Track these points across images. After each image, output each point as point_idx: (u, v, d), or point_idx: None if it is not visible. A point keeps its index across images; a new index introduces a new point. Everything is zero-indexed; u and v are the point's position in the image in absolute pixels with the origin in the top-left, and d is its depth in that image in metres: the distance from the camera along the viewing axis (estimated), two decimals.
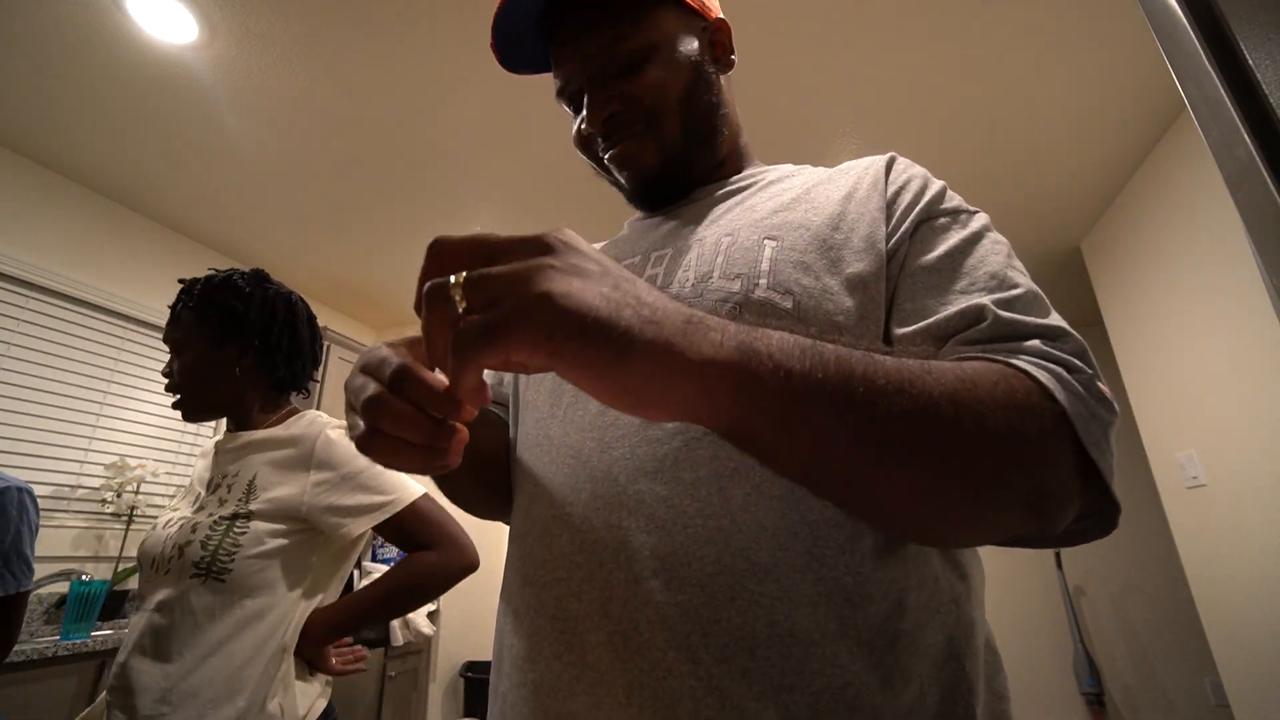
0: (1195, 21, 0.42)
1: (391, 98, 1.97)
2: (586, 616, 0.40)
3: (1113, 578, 3.44)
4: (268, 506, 0.92)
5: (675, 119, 0.56)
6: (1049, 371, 0.36)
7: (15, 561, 1.19)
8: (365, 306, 3.57)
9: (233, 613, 0.87)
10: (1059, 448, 0.35)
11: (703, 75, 0.58)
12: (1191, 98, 0.43)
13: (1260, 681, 1.93)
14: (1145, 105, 2.04)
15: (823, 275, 0.45)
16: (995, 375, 0.35)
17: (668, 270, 0.52)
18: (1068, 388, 0.36)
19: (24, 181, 2.21)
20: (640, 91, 0.55)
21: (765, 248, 0.47)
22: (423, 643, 2.86)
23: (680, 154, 0.58)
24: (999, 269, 0.43)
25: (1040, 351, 0.38)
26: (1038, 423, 0.34)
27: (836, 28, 1.74)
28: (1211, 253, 2.01)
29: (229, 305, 1.02)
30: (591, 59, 0.55)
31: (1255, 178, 0.38)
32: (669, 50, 0.56)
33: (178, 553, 0.89)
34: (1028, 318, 0.40)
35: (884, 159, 0.54)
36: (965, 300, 0.41)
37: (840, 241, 0.46)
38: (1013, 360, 0.37)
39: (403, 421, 0.31)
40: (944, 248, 0.45)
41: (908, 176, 0.52)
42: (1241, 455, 1.95)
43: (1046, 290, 0.39)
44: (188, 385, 1.01)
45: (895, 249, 0.46)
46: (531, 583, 0.44)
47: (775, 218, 0.50)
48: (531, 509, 0.47)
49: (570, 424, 0.48)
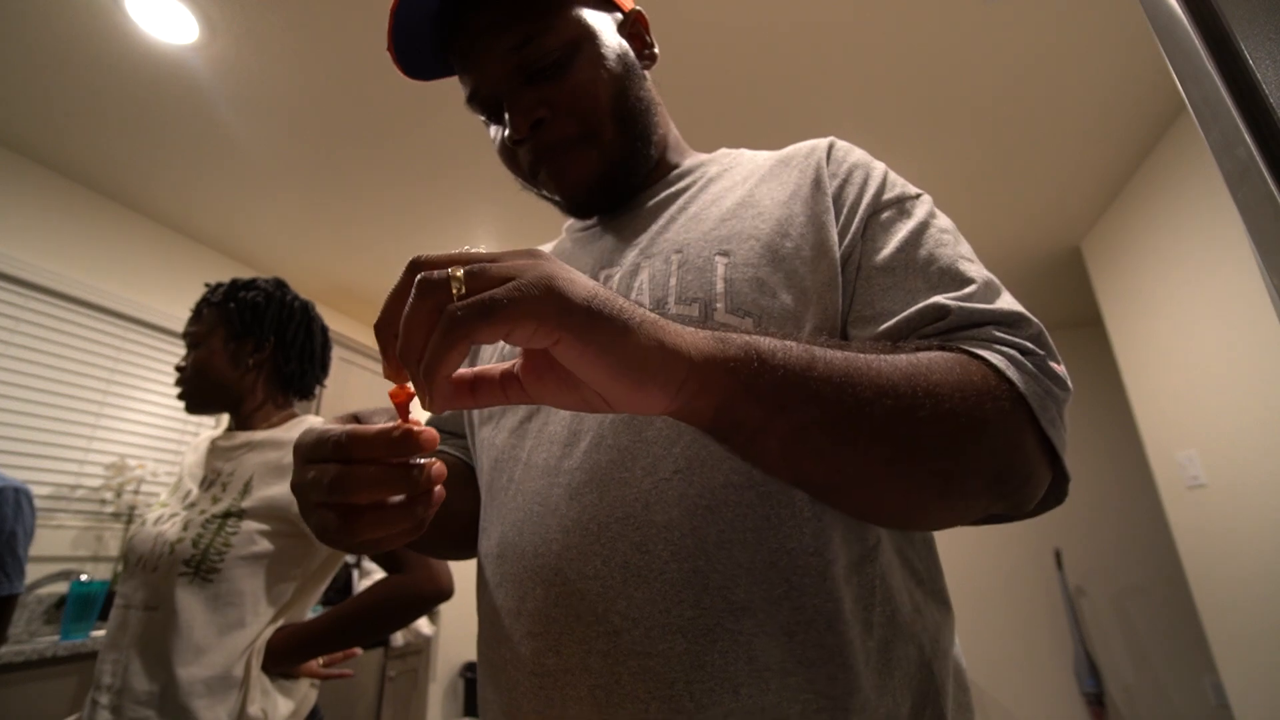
0: (1195, 21, 0.42)
1: (391, 96, 1.97)
2: (566, 671, 0.39)
3: (1113, 578, 3.44)
4: (260, 505, 0.92)
5: (610, 122, 0.52)
6: (1003, 355, 0.37)
7: (9, 562, 1.19)
8: (365, 306, 3.57)
9: (215, 616, 0.87)
10: (1019, 427, 0.37)
11: (633, 72, 0.54)
12: (1191, 98, 0.43)
13: (1260, 681, 1.93)
14: (1145, 105, 2.04)
15: (779, 292, 0.44)
16: (950, 361, 0.36)
17: (620, 293, 0.48)
18: (1021, 369, 0.37)
19: (24, 181, 2.21)
20: (567, 95, 0.50)
21: (718, 265, 0.45)
22: (423, 643, 2.86)
23: (620, 161, 0.54)
24: (950, 262, 0.44)
25: (993, 337, 0.39)
26: (995, 404, 0.35)
27: (837, 27, 1.74)
28: (1211, 253, 2.01)
29: (252, 300, 1.06)
30: (503, 60, 0.49)
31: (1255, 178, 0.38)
32: (592, 47, 0.51)
33: (168, 550, 0.89)
34: (983, 305, 0.41)
35: (824, 147, 0.52)
36: (924, 300, 0.41)
37: (791, 251, 0.45)
38: (966, 346, 0.38)
39: (373, 483, 0.30)
40: (894, 244, 0.45)
41: (849, 167, 0.50)
42: (1241, 455, 1.95)
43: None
44: (198, 375, 1.03)
45: (849, 253, 0.46)
46: (507, 638, 0.43)
47: (723, 228, 0.48)
48: (502, 562, 0.45)
49: (534, 469, 0.46)
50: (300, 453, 0.34)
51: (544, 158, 0.52)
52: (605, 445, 0.43)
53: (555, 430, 0.46)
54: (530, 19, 0.48)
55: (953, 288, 0.42)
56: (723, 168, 0.56)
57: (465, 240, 2.84)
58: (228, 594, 0.88)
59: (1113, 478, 3.55)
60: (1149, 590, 3.35)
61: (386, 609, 0.94)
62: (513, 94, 0.50)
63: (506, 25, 0.48)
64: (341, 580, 2.63)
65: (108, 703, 0.83)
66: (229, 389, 1.05)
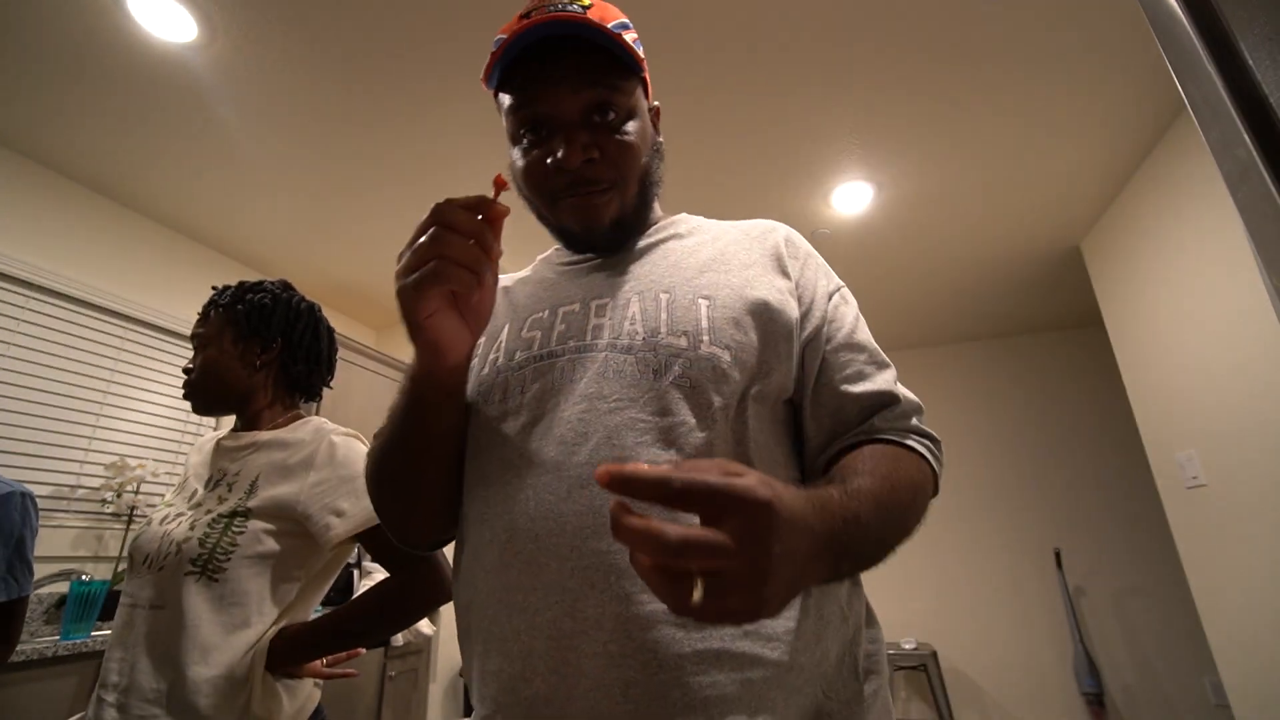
0: (1195, 21, 0.42)
1: (391, 96, 1.97)
2: (581, 633, 0.46)
3: (1113, 578, 3.44)
4: (266, 504, 0.93)
5: (635, 184, 0.62)
6: (930, 452, 0.57)
7: (19, 566, 1.19)
8: (365, 306, 3.57)
9: (221, 615, 0.87)
10: (933, 487, 0.58)
11: (658, 150, 0.67)
12: (1191, 98, 0.43)
13: (1260, 681, 1.93)
14: (1145, 105, 2.04)
15: (750, 331, 0.56)
16: (915, 467, 0.55)
17: (612, 319, 0.58)
18: (936, 459, 0.58)
19: (24, 181, 2.21)
20: (619, 150, 0.60)
21: (701, 306, 0.57)
22: (423, 643, 2.86)
23: (630, 216, 0.64)
24: (873, 343, 0.63)
25: (916, 429, 0.58)
26: (930, 486, 0.57)
27: (838, 26, 1.74)
28: (1211, 253, 2.01)
29: (259, 302, 1.07)
30: (588, 103, 0.58)
31: (1255, 178, 0.38)
32: (643, 120, 0.63)
33: (175, 549, 0.89)
34: (909, 397, 0.60)
35: (781, 231, 0.67)
36: (875, 378, 0.60)
37: (759, 302, 0.58)
38: (917, 449, 0.56)
39: (465, 224, 0.48)
40: (847, 327, 0.62)
41: (805, 254, 0.65)
42: (1241, 455, 1.95)
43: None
44: (206, 375, 1.03)
45: (819, 326, 0.60)
46: (521, 610, 0.48)
47: (703, 278, 0.60)
48: (512, 544, 0.50)
49: (543, 466, 0.52)
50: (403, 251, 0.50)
51: (577, 189, 0.60)
52: (611, 444, 0.50)
53: (562, 433, 0.52)
54: (610, 80, 0.59)
55: (883, 366, 0.61)
56: (690, 228, 0.69)
57: None
58: (233, 593, 0.88)
59: (1113, 478, 3.55)
60: (1149, 590, 3.34)
61: (389, 609, 0.94)
62: (574, 130, 0.59)
63: (592, 77, 0.58)
64: (343, 581, 2.63)
65: (114, 701, 0.83)
66: (237, 389, 1.05)
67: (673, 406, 0.52)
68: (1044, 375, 3.92)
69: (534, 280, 0.69)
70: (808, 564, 0.38)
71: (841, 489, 0.45)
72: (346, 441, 1.00)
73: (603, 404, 0.52)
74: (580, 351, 0.56)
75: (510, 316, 0.65)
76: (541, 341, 0.59)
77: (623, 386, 0.53)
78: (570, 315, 0.60)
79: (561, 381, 0.55)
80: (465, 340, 0.52)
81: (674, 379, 0.53)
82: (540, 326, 0.61)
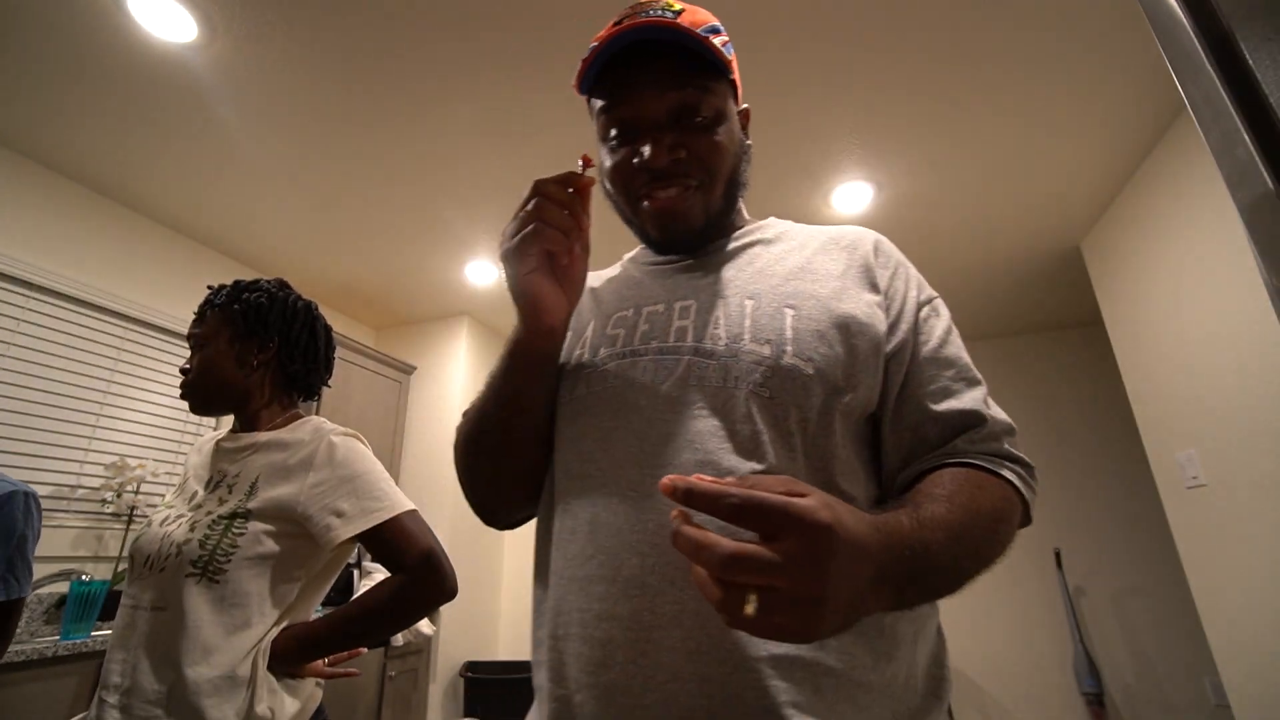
0: (1195, 21, 0.42)
1: (391, 97, 1.97)
2: (660, 626, 0.47)
3: (1113, 578, 3.44)
4: (266, 505, 0.93)
5: (721, 185, 0.63)
6: (1020, 478, 0.54)
7: (19, 566, 1.19)
8: (365, 306, 3.57)
9: (222, 616, 0.87)
10: (1021, 518, 0.56)
11: (746, 152, 0.67)
12: (1191, 98, 0.43)
13: (1260, 681, 1.93)
14: (1145, 105, 2.04)
15: (835, 344, 0.55)
16: (1001, 495, 0.52)
17: (696, 323, 0.58)
18: (1027, 484, 0.55)
19: (24, 181, 2.21)
20: (706, 149, 0.60)
21: (786, 315, 0.56)
22: (423, 643, 2.86)
23: (716, 219, 0.64)
24: (965, 358, 0.60)
25: (1006, 453, 0.55)
26: (1018, 516, 0.55)
27: (838, 26, 1.74)
28: (1211, 253, 2.01)
29: (255, 301, 1.07)
30: (675, 104, 0.59)
31: (1255, 178, 0.38)
32: (731, 122, 0.63)
33: (175, 551, 0.89)
34: (998, 417, 0.57)
35: (870, 239, 0.65)
36: (963, 395, 0.57)
37: (846, 315, 0.57)
38: (1005, 475, 0.54)
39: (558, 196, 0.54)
40: (935, 339, 0.59)
41: (895, 264, 0.63)
42: (1241, 455, 1.95)
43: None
44: (203, 375, 1.03)
45: (905, 340, 0.58)
46: (602, 599, 0.50)
47: (789, 285, 0.59)
48: (594, 536, 0.53)
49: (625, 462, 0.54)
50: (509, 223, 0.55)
51: (662, 188, 0.61)
52: (694, 448, 0.52)
53: (642, 430, 0.54)
54: (699, 82, 0.59)
55: (973, 383, 0.58)
56: (777, 233, 0.68)
57: (465, 240, 2.84)
58: (234, 594, 0.88)
59: (1113, 478, 3.55)
60: (1149, 590, 3.34)
61: (391, 608, 0.94)
62: (661, 130, 0.60)
63: (680, 79, 0.59)
64: (343, 581, 2.63)
65: (116, 702, 0.83)
66: (234, 389, 1.05)
67: (753, 415, 0.52)
68: (1044, 375, 3.92)
69: (620, 279, 0.70)
70: (867, 591, 0.38)
71: (913, 516, 0.45)
72: (346, 441, 1.00)
73: (685, 408, 0.54)
74: (663, 353, 0.57)
75: (595, 313, 0.66)
76: (625, 339, 0.60)
77: (705, 392, 0.54)
78: (654, 315, 0.61)
79: (644, 380, 0.56)
80: (561, 303, 0.56)
81: (754, 388, 0.53)
82: (624, 325, 0.62)
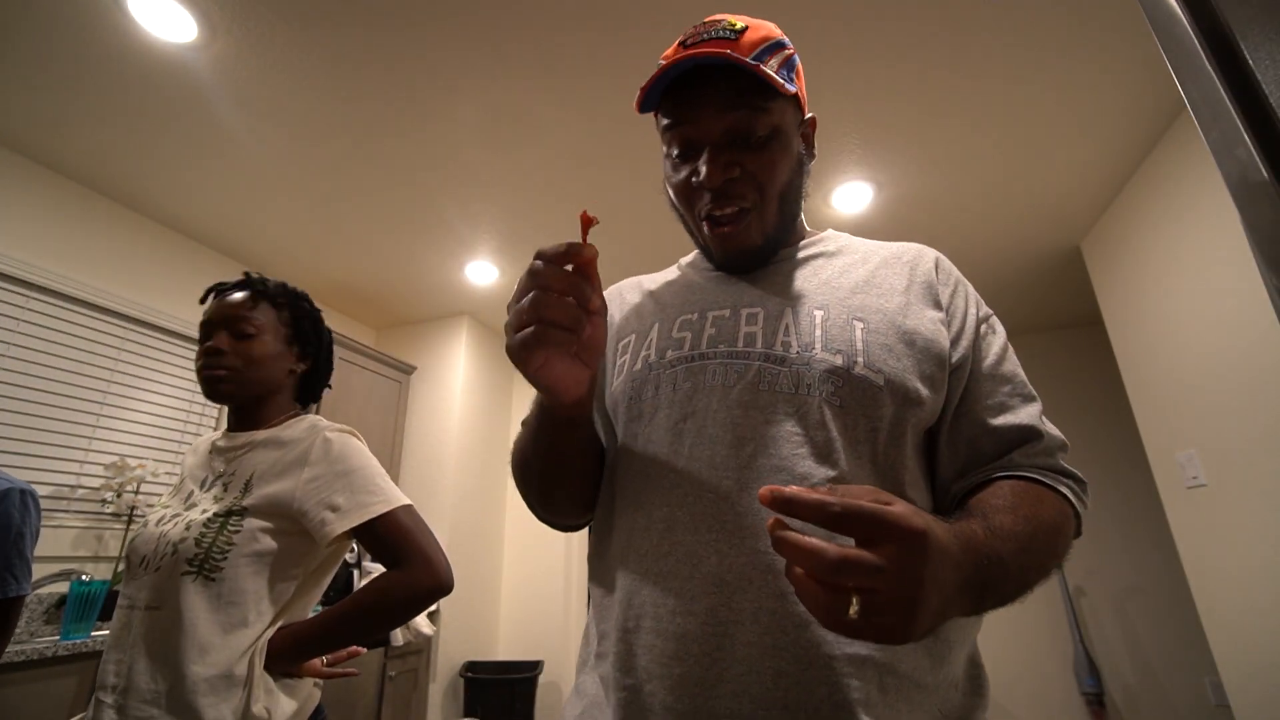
0: (1195, 21, 0.42)
1: (391, 97, 1.97)
2: (737, 622, 0.49)
3: (1113, 578, 3.44)
4: (261, 502, 0.93)
5: (776, 202, 0.64)
6: (1074, 494, 0.57)
7: (17, 564, 1.19)
8: (365, 306, 3.57)
9: (219, 615, 0.87)
10: (1075, 531, 0.57)
11: (802, 166, 0.67)
12: (1191, 98, 0.43)
13: (1260, 681, 1.93)
14: (1145, 105, 2.04)
15: (903, 358, 0.57)
16: (1058, 509, 0.55)
17: (765, 330, 0.60)
18: (1080, 499, 0.58)
19: (24, 181, 2.21)
20: (760, 168, 0.62)
21: (856, 328, 0.58)
22: (423, 643, 2.86)
23: (773, 236, 0.66)
24: (1021, 374, 0.62)
25: (1060, 468, 0.58)
26: (1071, 527, 0.56)
27: (838, 27, 1.74)
28: (1211, 253, 2.01)
29: (312, 313, 1.11)
30: (730, 125, 0.61)
31: (1255, 178, 0.38)
32: (786, 139, 0.64)
33: (171, 549, 0.89)
34: (1053, 433, 0.59)
35: (931, 256, 0.67)
36: (1019, 411, 0.59)
37: (911, 329, 0.59)
38: (1059, 488, 0.56)
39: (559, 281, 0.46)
40: (993, 355, 0.62)
41: (955, 281, 0.66)
42: (1241, 455, 1.95)
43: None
44: (253, 365, 1.02)
45: (966, 354, 0.61)
46: (678, 595, 0.52)
47: (855, 299, 0.61)
48: (670, 534, 0.54)
49: (699, 462, 0.55)
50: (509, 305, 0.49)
51: (719, 209, 0.63)
52: (769, 452, 0.54)
53: (715, 433, 0.56)
54: (752, 101, 0.60)
55: (1029, 399, 0.61)
56: (839, 246, 0.70)
57: (465, 240, 2.84)
58: (230, 593, 0.88)
59: (1113, 478, 3.55)
60: (1149, 590, 3.34)
61: (386, 604, 0.93)
62: (717, 149, 0.61)
63: (735, 100, 0.60)
64: (342, 580, 2.63)
65: (113, 702, 0.83)
66: (268, 388, 1.05)
67: (826, 423, 0.54)
68: (1044, 375, 3.92)
69: (680, 283, 0.71)
70: (953, 595, 0.40)
71: (985, 526, 0.47)
72: (341, 438, 1.00)
73: (757, 413, 0.55)
74: (731, 357, 0.59)
75: (659, 316, 0.67)
76: (692, 343, 0.62)
77: (776, 397, 0.55)
78: (720, 320, 0.63)
79: (714, 384, 0.58)
80: (581, 378, 0.53)
81: (826, 396, 0.55)
82: (690, 328, 0.63)
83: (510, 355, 0.49)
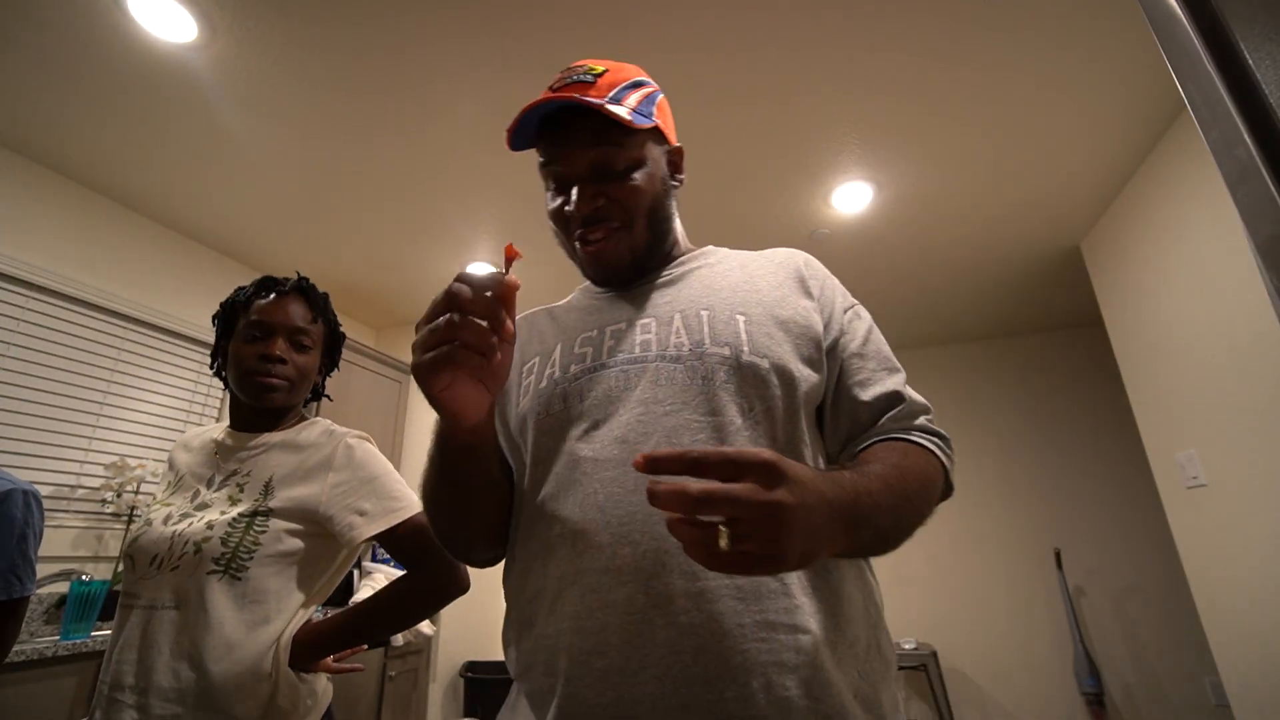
0: (1195, 21, 0.42)
1: (391, 98, 1.97)
2: (655, 607, 0.51)
3: (1113, 578, 3.44)
4: (287, 505, 0.94)
5: (643, 221, 0.71)
6: (938, 447, 0.63)
7: (21, 565, 1.18)
8: (365, 306, 3.57)
9: (243, 613, 0.88)
10: (943, 482, 0.63)
11: (667, 191, 0.74)
12: (1191, 98, 0.43)
13: (1260, 681, 1.93)
14: (1145, 105, 2.04)
15: (783, 343, 0.64)
16: (924, 459, 0.61)
17: (659, 334, 0.66)
18: (945, 454, 0.64)
19: (24, 181, 2.21)
20: (623, 195, 0.69)
21: (739, 321, 0.64)
22: (423, 643, 2.86)
23: (642, 255, 0.72)
24: (886, 351, 0.70)
25: (926, 428, 0.65)
26: (940, 479, 0.62)
27: (839, 27, 1.74)
28: (1211, 253, 2.01)
29: (337, 328, 1.16)
30: (594, 159, 0.68)
31: (1255, 178, 0.38)
32: (651, 166, 0.71)
33: (193, 549, 0.89)
34: (916, 399, 0.67)
35: (800, 256, 0.75)
36: (885, 382, 0.66)
37: (788, 318, 0.66)
38: (924, 444, 0.62)
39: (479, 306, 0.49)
40: (860, 337, 0.69)
41: (822, 276, 0.74)
42: (1241, 455, 1.95)
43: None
44: (304, 379, 1.07)
45: (837, 337, 0.68)
46: (595, 589, 0.54)
47: (736, 297, 0.68)
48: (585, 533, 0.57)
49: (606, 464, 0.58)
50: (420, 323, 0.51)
51: (589, 234, 0.70)
52: (671, 442, 0.58)
53: (624, 434, 0.59)
54: (610, 141, 0.68)
55: (894, 371, 0.68)
56: (718, 258, 0.77)
57: (465, 240, 2.84)
58: (254, 591, 0.89)
59: (1113, 478, 3.55)
60: (1149, 590, 3.35)
61: (409, 604, 0.98)
62: (585, 182, 0.69)
63: (594, 140, 0.68)
64: (343, 581, 2.63)
65: (133, 702, 0.83)
66: (304, 398, 1.10)
67: (721, 408, 0.59)
68: (1044, 375, 3.92)
69: (579, 306, 0.77)
70: (824, 524, 0.43)
71: (851, 469, 0.52)
72: (361, 444, 1.04)
73: (658, 407, 0.60)
74: (631, 363, 0.64)
75: (561, 338, 0.72)
76: (594, 355, 0.67)
77: (675, 391, 0.60)
78: (618, 333, 0.68)
79: (617, 389, 0.62)
80: (482, 403, 0.55)
81: (720, 384, 0.60)
82: (591, 344, 0.69)
83: (416, 374, 0.50)
